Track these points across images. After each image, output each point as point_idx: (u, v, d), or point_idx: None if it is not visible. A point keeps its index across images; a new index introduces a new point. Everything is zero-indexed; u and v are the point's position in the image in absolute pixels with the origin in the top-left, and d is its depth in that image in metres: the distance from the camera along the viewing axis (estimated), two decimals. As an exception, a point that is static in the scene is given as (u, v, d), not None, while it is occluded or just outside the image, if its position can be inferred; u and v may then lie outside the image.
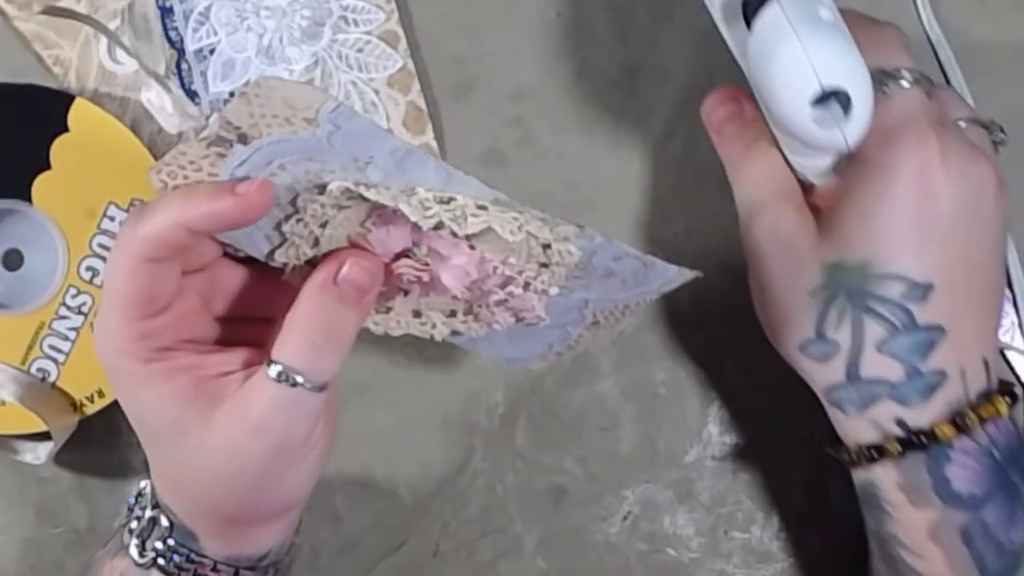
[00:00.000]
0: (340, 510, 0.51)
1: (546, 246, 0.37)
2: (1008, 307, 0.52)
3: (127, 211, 0.47)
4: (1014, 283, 0.52)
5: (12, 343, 0.47)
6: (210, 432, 0.34)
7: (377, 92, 0.51)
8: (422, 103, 0.51)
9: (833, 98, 0.34)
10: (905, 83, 0.37)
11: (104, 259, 0.47)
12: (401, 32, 0.51)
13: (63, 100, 0.47)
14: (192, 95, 0.50)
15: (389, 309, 0.38)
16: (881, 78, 0.37)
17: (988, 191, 0.37)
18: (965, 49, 0.53)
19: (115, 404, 0.47)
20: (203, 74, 0.50)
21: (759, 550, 0.51)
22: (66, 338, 0.47)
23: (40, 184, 0.47)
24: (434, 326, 0.39)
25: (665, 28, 0.52)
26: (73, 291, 0.47)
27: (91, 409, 0.47)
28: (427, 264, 0.37)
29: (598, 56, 0.52)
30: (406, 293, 0.38)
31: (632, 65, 0.52)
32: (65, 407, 0.47)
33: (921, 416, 0.37)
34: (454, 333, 0.39)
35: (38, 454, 0.48)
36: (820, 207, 0.39)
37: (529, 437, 0.51)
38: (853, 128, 0.34)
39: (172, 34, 0.50)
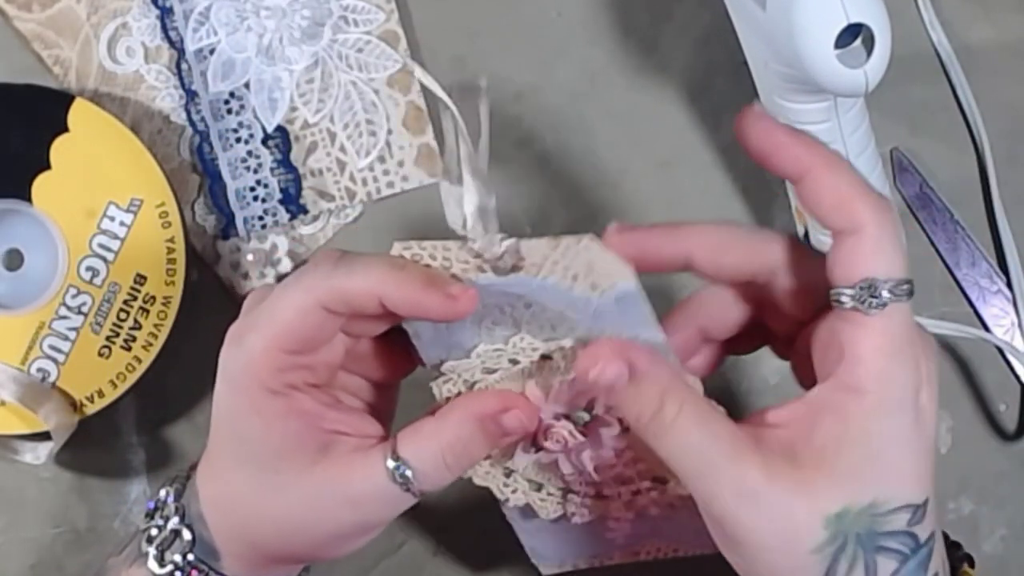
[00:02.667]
0: (340, 510, 0.51)
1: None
2: (1008, 307, 0.52)
3: (127, 211, 0.47)
4: (1014, 283, 0.52)
5: (12, 343, 0.47)
6: (303, 482, 0.34)
7: (377, 92, 0.51)
8: (422, 103, 0.51)
9: (853, 40, 0.35)
10: (900, 298, 0.31)
11: (104, 259, 0.47)
12: (401, 32, 0.51)
13: (63, 100, 0.47)
14: (192, 95, 0.50)
15: (509, 469, 0.37)
16: (868, 293, 0.31)
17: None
18: (965, 49, 0.53)
19: (115, 404, 0.47)
20: (203, 74, 0.50)
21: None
22: (66, 338, 0.47)
23: (40, 184, 0.47)
24: (514, 491, 0.37)
25: (665, 28, 0.52)
26: (73, 291, 0.47)
27: (91, 409, 0.47)
28: (584, 432, 0.35)
29: (598, 56, 0.52)
30: (537, 450, 0.36)
31: (632, 65, 0.52)
32: (65, 407, 0.47)
33: None
34: (526, 507, 0.38)
35: (38, 454, 0.48)
36: (777, 440, 0.33)
37: (529, 437, 0.51)
38: (874, 67, 0.35)
39: (172, 34, 0.50)
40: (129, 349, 0.47)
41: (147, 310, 0.47)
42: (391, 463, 0.33)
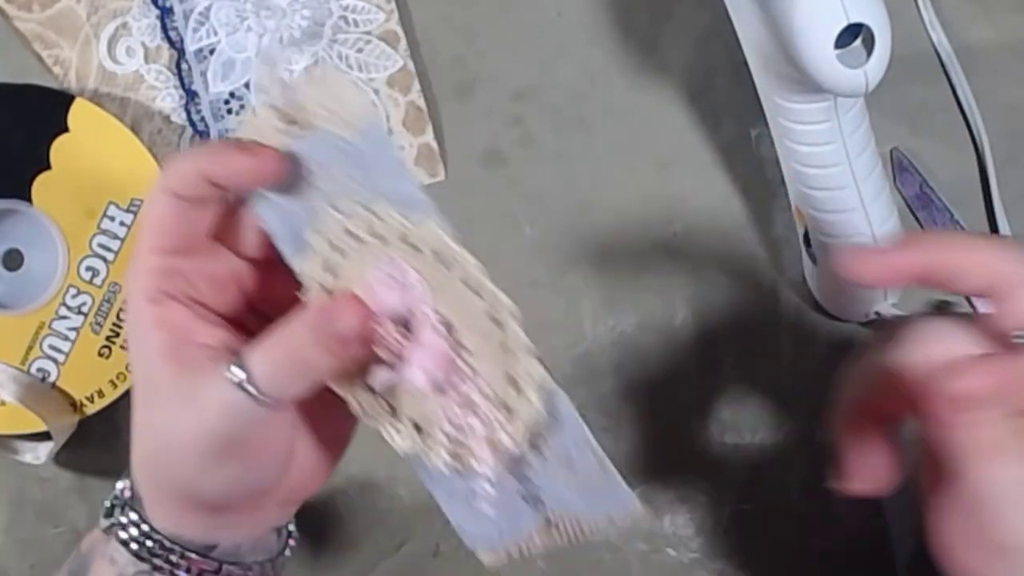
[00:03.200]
0: (340, 510, 0.51)
1: (513, 382, 0.34)
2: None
3: (127, 211, 0.47)
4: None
5: (12, 343, 0.47)
6: (167, 392, 0.34)
7: (377, 92, 0.51)
8: (422, 103, 0.51)
9: (853, 40, 0.35)
10: None
11: (104, 259, 0.47)
12: (401, 32, 0.51)
13: (63, 100, 0.47)
14: (192, 95, 0.50)
15: (372, 389, 0.35)
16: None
17: None
18: (965, 49, 0.53)
19: (115, 404, 0.47)
20: (203, 74, 0.50)
21: (758, 550, 0.51)
22: (66, 338, 0.47)
23: (40, 184, 0.47)
24: (399, 433, 0.35)
25: (665, 28, 0.52)
26: (73, 291, 0.47)
27: (91, 409, 0.47)
28: (406, 337, 0.34)
29: (598, 56, 0.52)
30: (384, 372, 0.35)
31: (632, 65, 0.52)
32: (65, 407, 0.47)
33: None
34: (415, 455, 0.35)
35: (38, 454, 0.48)
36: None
37: (529, 437, 0.51)
38: (874, 67, 0.35)
39: (172, 34, 0.50)
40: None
41: (147, 310, 0.47)
42: (233, 369, 0.33)
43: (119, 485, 0.38)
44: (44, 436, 0.47)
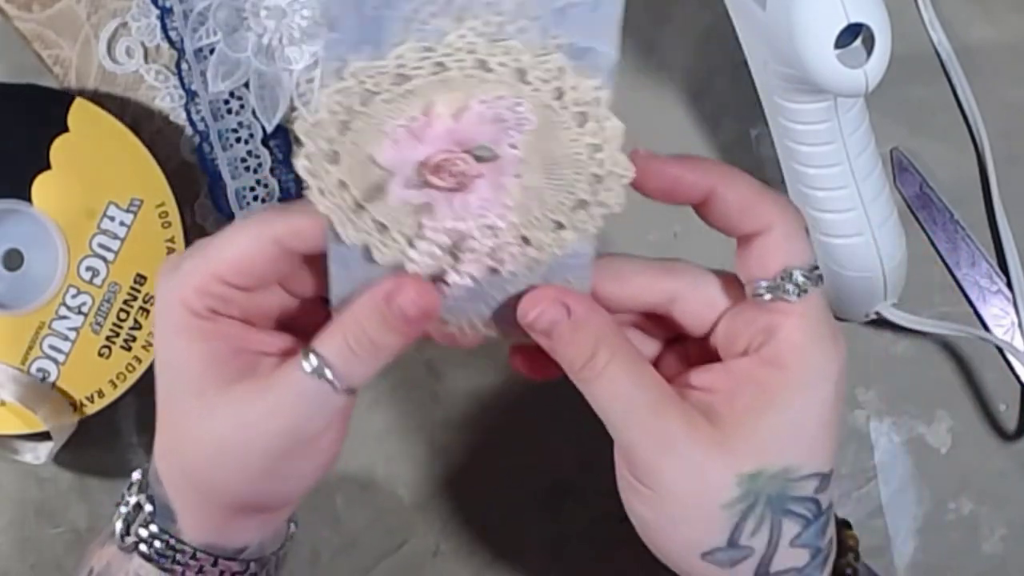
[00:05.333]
0: (340, 510, 0.51)
1: (559, 224, 0.33)
2: (1008, 307, 0.52)
3: (127, 211, 0.47)
4: (1014, 283, 0.52)
5: (12, 343, 0.47)
6: (227, 399, 0.33)
7: (377, 92, 0.51)
8: (422, 103, 0.51)
9: (853, 40, 0.35)
10: (815, 283, 0.34)
11: (104, 259, 0.47)
12: (401, 32, 0.51)
13: (63, 100, 0.47)
14: (192, 95, 0.50)
15: (358, 203, 0.33)
16: (783, 282, 0.34)
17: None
18: (965, 49, 0.53)
19: (115, 404, 0.47)
20: (203, 74, 0.50)
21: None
22: (66, 338, 0.47)
23: (40, 184, 0.47)
24: (356, 229, 0.33)
25: (665, 28, 0.52)
26: (73, 291, 0.47)
27: (91, 409, 0.47)
28: (482, 172, 0.32)
29: (598, 56, 0.52)
30: (419, 186, 0.32)
31: (632, 65, 0.52)
32: (65, 407, 0.47)
33: None
34: (364, 248, 0.33)
35: (38, 454, 0.48)
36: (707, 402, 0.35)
37: (529, 436, 0.51)
38: (873, 67, 0.35)
39: (172, 34, 0.50)
40: (129, 349, 0.47)
41: (147, 310, 0.47)
42: (308, 360, 0.33)
43: (131, 500, 0.37)
44: (44, 436, 0.47)
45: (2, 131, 0.47)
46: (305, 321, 0.36)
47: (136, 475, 0.38)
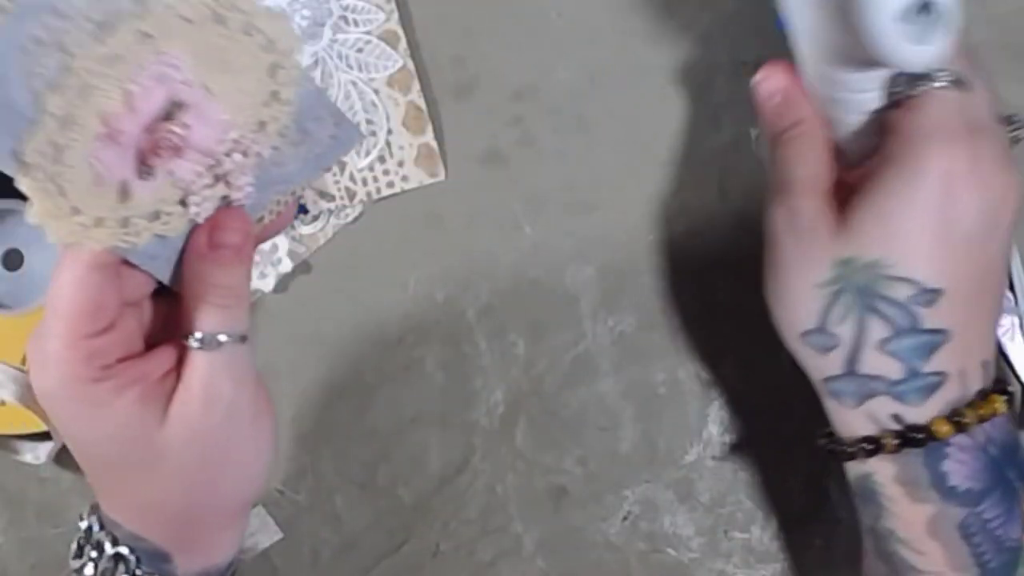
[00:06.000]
0: (340, 510, 0.51)
1: (274, 93, 0.35)
2: (1007, 307, 0.52)
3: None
4: (1014, 283, 0.52)
5: (12, 343, 0.47)
6: (170, 427, 0.34)
7: (377, 92, 0.51)
8: (422, 103, 0.51)
9: (917, 14, 0.35)
10: (939, 84, 0.36)
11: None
12: (401, 32, 0.51)
13: (63, 100, 0.47)
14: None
15: (126, 217, 0.34)
16: (914, 77, 0.36)
17: (1008, 203, 0.36)
18: (965, 49, 0.53)
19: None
20: (203, 74, 0.50)
21: (759, 550, 0.51)
22: (66, 338, 0.47)
23: (40, 184, 0.47)
24: (138, 234, 0.34)
25: (665, 28, 0.52)
26: (73, 291, 0.47)
27: (91, 409, 0.47)
28: (187, 124, 0.34)
29: (598, 56, 0.52)
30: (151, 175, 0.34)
31: (632, 65, 0.52)
32: (65, 407, 0.47)
33: (919, 413, 0.37)
34: (156, 239, 0.35)
35: (38, 454, 0.48)
36: (845, 196, 0.38)
37: (529, 437, 0.51)
38: (939, 42, 0.34)
39: (172, 34, 0.50)
40: (129, 349, 0.47)
41: (147, 310, 0.47)
42: (195, 342, 0.34)
43: (104, 560, 0.37)
44: (44, 436, 0.47)
45: (2, 131, 0.47)
46: (169, 312, 0.37)
47: (86, 526, 0.37)
